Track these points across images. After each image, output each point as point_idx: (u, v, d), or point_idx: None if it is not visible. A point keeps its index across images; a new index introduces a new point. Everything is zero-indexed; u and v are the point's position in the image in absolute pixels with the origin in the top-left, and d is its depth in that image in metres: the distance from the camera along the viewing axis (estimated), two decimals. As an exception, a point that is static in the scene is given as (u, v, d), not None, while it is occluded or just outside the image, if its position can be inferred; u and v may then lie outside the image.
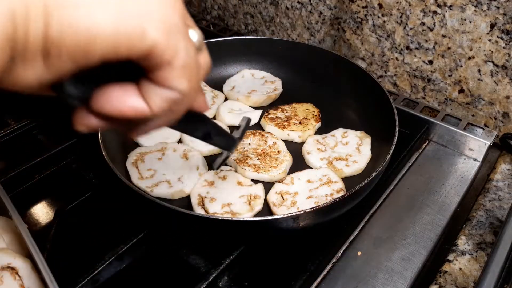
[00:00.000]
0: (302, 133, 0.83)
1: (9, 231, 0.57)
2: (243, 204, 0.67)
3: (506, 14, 0.77)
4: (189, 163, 0.74)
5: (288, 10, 1.11)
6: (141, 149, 0.77)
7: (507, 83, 0.83)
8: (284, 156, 0.78)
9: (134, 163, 0.74)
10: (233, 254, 0.61)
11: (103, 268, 0.59)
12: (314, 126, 0.85)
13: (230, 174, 0.73)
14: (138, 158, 0.75)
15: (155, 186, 0.70)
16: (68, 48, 0.27)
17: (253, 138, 0.81)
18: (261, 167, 0.75)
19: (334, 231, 0.67)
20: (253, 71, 1.00)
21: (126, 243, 0.62)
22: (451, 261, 0.65)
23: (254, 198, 0.69)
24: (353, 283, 0.62)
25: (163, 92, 0.33)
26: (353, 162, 0.77)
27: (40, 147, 0.84)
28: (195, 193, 0.69)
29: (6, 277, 0.51)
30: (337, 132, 0.84)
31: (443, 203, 0.74)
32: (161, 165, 0.74)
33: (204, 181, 0.71)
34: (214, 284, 0.59)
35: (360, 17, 0.97)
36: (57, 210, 0.71)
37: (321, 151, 0.79)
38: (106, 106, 0.32)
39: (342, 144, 0.81)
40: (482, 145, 0.82)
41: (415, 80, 0.96)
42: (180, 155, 0.76)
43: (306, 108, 0.89)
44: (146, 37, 0.29)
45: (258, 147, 0.80)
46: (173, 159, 0.75)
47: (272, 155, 0.78)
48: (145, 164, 0.74)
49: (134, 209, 0.68)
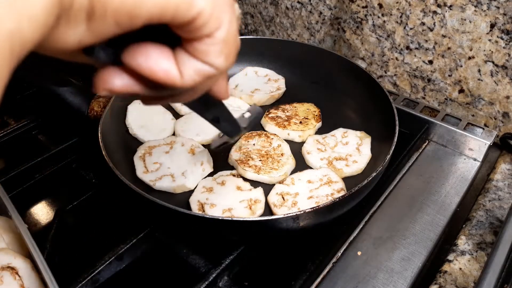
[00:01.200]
0: (302, 133, 0.83)
1: (9, 231, 0.57)
2: (244, 209, 0.67)
3: (506, 14, 0.77)
4: (195, 158, 0.75)
5: (288, 10, 1.11)
6: (150, 143, 0.78)
7: (507, 83, 0.83)
8: (287, 159, 0.77)
9: (141, 157, 0.75)
10: (233, 254, 0.61)
11: (103, 268, 0.59)
12: (315, 126, 0.85)
13: (228, 179, 0.73)
14: (146, 152, 0.76)
15: (159, 179, 0.71)
16: (114, 10, 0.26)
17: (258, 139, 0.81)
18: (262, 168, 0.75)
19: (334, 231, 0.67)
20: (256, 68, 1.00)
21: (126, 243, 0.62)
22: (451, 261, 0.65)
23: (254, 202, 0.68)
24: (353, 283, 0.62)
25: (198, 65, 0.31)
26: (353, 162, 0.76)
27: (40, 147, 0.84)
28: (194, 199, 0.69)
29: (6, 277, 0.51)
30: (337, 132, 0.84)
31: (443, 203, 0.74)
32: (167, 158, 0.75)
33: (202, 188, 0.71)
34: (214, 284, 0.59)
35: (360, 17, 0.97)
36: (57, 210, 0.71)
37: (321, 151, 0.79)
38: (140, 61, 0.30)
39: (342, 144, 0.81)
40: (482, 145, 0.82)
41: (415, 80, 0.96)
42: (187, 150, 0.77)
43: (307, 108, 0.89)
44: (194, 3, 0.28)
45: (262, 148, 0.79)
46: (180, 153, 0.76)
47: (275, 157, 0.77)
48: (152, 157, 0.75)
49: (135, 208, 0.68)
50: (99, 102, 0.80)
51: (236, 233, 0.62)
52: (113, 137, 0.76)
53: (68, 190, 0.75)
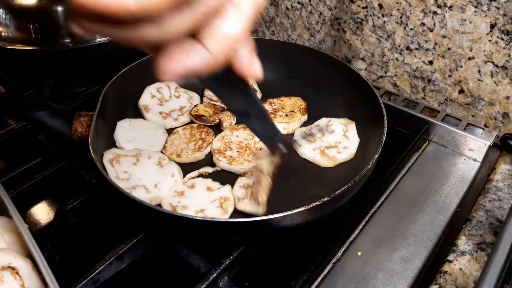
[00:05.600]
0: (287, 125, 0.85)
1: (10, 231, 0.57)
2: (216, 208, 0.67)
3: (506, 14, 0.77)
4: (164, 171, 0.74)
5: (288, 11, 1.11)
6: (117, 151, 0.76)
7: (507, 84, 0.83)
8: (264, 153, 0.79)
9: (111, 162, 0.74)
10: (233, 254, 0.61)
11: (103, 268, 0.59)
12: (300, 119, 0.87)
13: (197, 182, 0.72)
14: (114, 158, 0.74)
15: (133, 189, 0.70)
16: None
17: (243, 131, 0.83)
18: (236, 159, 0.77)
19: (334, 231, 0.67)
20: None
21: (126, 243, 0.62)
22: (451, 261, 0.65)
23: (224, 200, 0.69)
24: (353, 283, 0.62)
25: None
26: (343, 148, 0.78)
27: (40, 147, 0.84)
28: (166, 202, 0.69)
29: (6, 277, 0.51)
30: (321, 121, 0.85)
31: (443, 203, 0.74)
32: (136, 169, 0.73)
33: (173, 192, 0.70)
34: (214, 284, 0.59)
35: (360, 18, 0.97)
36: (57, 210, 0.71)
37: (311, 141, 0.81)
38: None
39: (328, 133, 0.82)
40: (482, 145, 0.82)
41: (415, 80, 0.96)
42: (155, 163, 0.75)
43: (294, 102, 0.91)
44: None
45: (244, 140, 0.81)
46: (147, 166, 0.74)
47: (253, 150, 0.79)
48: (121, 166, 0.73)
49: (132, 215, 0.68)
50: (81, 122, 0.77)
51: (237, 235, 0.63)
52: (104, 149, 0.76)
53: (68, 190, 0.75)
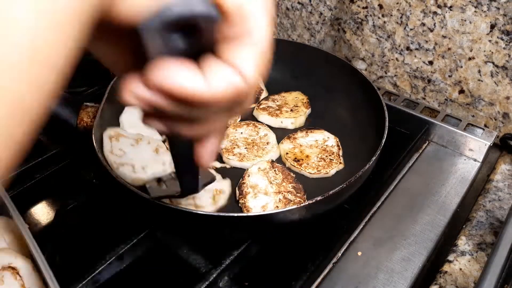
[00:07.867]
0: (295, 120, 0.86)
1: (10, 231, 0.57)
2: (208, 198, 0.68)
3: (506, 14, 0.77)
4: (158, 158, 0.76)
5: (289, 11, 1.11)
6: (120, 130, 0.78)
7: (507, 84, 0.83)
8: (272, 147, 0.80)
9: (110, 138, 0.75)
10: (233, 254, 0.61)
11: (104, 268, 0.59)
12: (305, 113, 0.89)
13: None
14: (115, 136, 0.76)
15: (121, 165, 0.71)
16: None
17: (246, 128, 0.84)
18: (246, 156, 0.78)
19: (334, 231, 0.67)
20: None
21: (126, 243, 0.62)
22: (451, 261, 0.65)
23: (219, 192, 0.70)
24: (353, 283, 0.62)
25: (226, 70, 0.27)
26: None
27: (40, 147, 0.84)
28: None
29: (7, 277, 0.51)
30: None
31: (443, 204, 0.74)
32: (132, 150, 0.76)
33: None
34: (214, 284, 0.59)
35: (360, 18, 0.97)
36: (57, 210, 0.71)
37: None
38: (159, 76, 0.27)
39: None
40: (482, 145, 0.82)
41: (415, 80, 0.96)
42: (152, 149, 0.77)
43: (295, 96, 0.93)
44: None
45: (249, 136, 0.82)
46: (144, 150, 0.77)
47: (261, 145, 0.80)
48: (118, 144, 0.75)
49: (135, 209, 0.68)
50: (87, 113, 0.78)
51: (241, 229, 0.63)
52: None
53: (68, 190, 0.75)
